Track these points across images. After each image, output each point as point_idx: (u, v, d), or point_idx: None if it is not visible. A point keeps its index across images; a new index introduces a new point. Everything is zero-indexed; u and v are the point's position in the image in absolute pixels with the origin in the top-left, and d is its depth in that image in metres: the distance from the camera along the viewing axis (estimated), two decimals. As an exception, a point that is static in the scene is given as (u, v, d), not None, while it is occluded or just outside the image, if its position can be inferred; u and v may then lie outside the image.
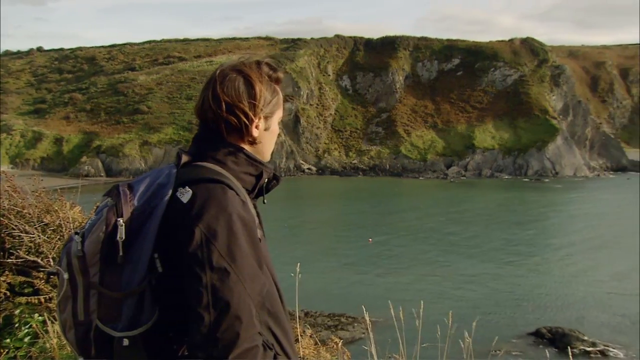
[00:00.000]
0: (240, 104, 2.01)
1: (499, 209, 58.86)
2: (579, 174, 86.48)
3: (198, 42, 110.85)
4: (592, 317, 25.63)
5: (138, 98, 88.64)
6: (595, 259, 36.64)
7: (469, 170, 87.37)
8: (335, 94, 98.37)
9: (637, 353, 21.62)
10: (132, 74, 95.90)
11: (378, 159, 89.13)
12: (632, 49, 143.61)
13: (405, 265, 34.90)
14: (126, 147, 78.93)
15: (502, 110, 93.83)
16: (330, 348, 5.86)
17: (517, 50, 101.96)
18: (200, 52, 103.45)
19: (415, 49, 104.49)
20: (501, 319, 25.43)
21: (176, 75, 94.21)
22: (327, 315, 25.54)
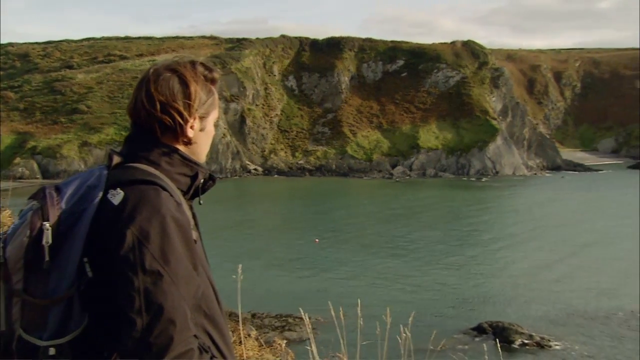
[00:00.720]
0: (174, 103, 1.96)
1: (442, 208, 60.31)
2: (517, 173, 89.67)
3: (140, 41, 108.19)
4: (531, 311, 26.59)
5: (77, 97, 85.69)
6: (532, 254, 38.06)
7: (414, 169, 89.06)
8: (281, 94, 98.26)
9: (572, 344, 22.58)
10: (70, 72, 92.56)
11: (324, 159, 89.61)
12: (564, 53, 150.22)
13: (351, 264, 35.23)
14: (64, 147, 76.18)
15: (445, 111, 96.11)
16: (275, 349, 5.87)
17: (459, 53, 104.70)
18: (143, 51, 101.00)
19: (361, 50, 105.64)
20: (444, 315, 26.04)
21: (117, 74, 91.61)
22: (274, 316, 25.46)
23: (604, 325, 24.57)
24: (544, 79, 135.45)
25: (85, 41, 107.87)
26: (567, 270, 33.94)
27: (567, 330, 24.00)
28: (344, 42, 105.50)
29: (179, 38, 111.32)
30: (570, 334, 23.60)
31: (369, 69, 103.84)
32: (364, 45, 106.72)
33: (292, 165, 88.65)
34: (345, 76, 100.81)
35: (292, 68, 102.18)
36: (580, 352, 21.69)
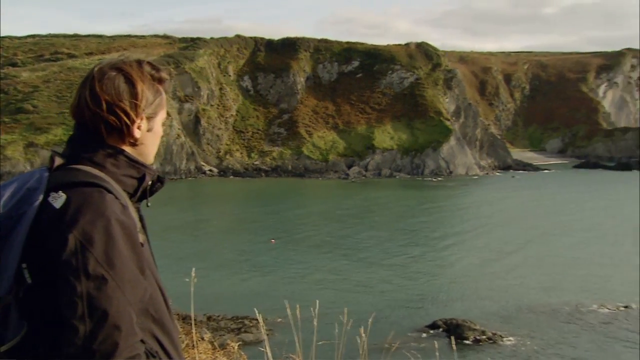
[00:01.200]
0: (120, 103, 1.91)
1: (396, 208, 61.10)
2: (470, 173, 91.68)
3: (89, 38, 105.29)
4: (483, 307, 27.22)
5: (21, 96, 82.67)
6: (482, 252, 38.99)
7: (369, 170, 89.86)
8: (237, 94, 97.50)
9: (523, 339, 23.23)
10: (13, 70, 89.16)
11: (280, 160, 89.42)
12: (514, 56, 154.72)
13: (307, 265, 35.27)
14: (8, 148, 73.37)
15: (399, 112, 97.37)
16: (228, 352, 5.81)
17: (413, 54, 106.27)
18: (92, 49, 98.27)
19: (316, 51, 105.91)
20: (400, 314, 26.36)
21: (65, 72, 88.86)
22: (230, 319, 25.22)
23: (551, 320, 25.39)
24: (494, 80, 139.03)
25: (29, 38, 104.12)
26: (516, 266, 34.94)
27: (518, 325, 24.68)
28: (299, 42, 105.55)
29: (130, 37, 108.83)
30: (520, 329, 24.28)
31: (324, 69, 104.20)
32: (320, 46, 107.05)
33: (248, 166, 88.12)
34: (300, 77, 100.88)
35: (248, 68, 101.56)
36: (531, 347, 22.34)
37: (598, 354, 21.69)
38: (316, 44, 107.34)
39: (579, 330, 24.15)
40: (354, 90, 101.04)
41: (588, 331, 24.08)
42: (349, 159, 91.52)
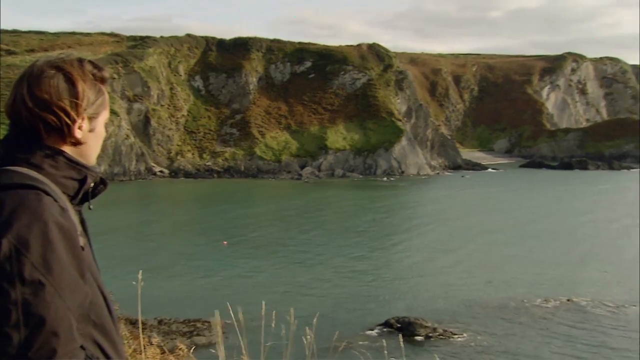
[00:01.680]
0: (60, 102, 1.83)
1: (348, 208, 61.55)
2: (422, 173, 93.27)
3: (31, 35, 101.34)
4: (435, 304, 27.73)
5: (-44, 94, 78.96)
6: (433, 249, 39.75)
7: (322, 170, 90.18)
8: (188, 94, 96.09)
9: (473, 334, 23.80)
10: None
11: (233, 161, 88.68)
12: (462, 58, 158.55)
13: (260, 266, 35.10)
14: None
15: (352, 112, 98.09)
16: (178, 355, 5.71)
17: (365, 55, 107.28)
18: (34, 46, 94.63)
19: (268, 51, 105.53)
20: (353, 313, 26.56)
21: (4, 70, 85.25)
22: (182, 322, 24.82)
23: (499, 315, 26.12)
24: (444, 82, 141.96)
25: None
26: (463, 263, 35.78)
27: (468, 321, 25.27)
28: (251, 42, 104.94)
29: (75, 34, 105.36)
30: (470, 324, 24.86)
31: (277, 70, 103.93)
32: (272, 46, 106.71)
33: (200, 166, 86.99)
34: (253, 77, 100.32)
35: (199, 68, 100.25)
36: (481, 342, 22.90)
37: (544, 348, 22.45)
38: (268, 44, 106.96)
39: (526, 325, 24.93)
40: (307, 91, 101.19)
41: (534, 325, 24.89)
42: (302, 159, 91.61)
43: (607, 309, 26.78)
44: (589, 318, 25.60)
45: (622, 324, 25.05)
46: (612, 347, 22.50)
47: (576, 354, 21.84)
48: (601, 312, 26.28)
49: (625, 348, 22.38)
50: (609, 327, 24.55)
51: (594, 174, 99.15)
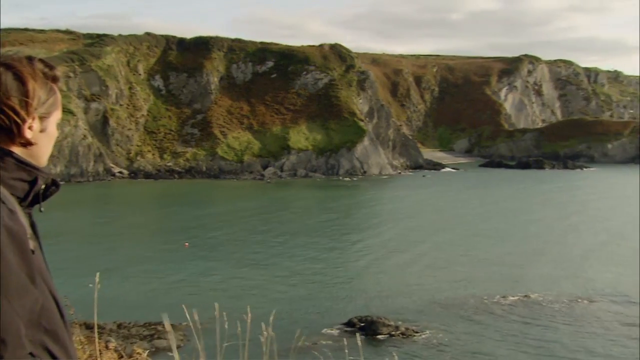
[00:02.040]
0: (8, 101, 1.76)
1: (311, 208, 61.63)
2: (384, 172, 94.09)
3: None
4: (397, 303, 28.00)
5: None
6: (394, 249, 40.15)
7: (285, 170, 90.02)
8: (148, 94, 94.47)
9: (434, 331, 24.12)
10: None
11: (194, 161, 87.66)
12: (423, 59, 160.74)
13: (221, 267, 34.79)
14: None
15: (314, 113, 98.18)
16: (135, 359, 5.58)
17: (327, 55, 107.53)
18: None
19: (230, 51, 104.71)
20: (318, 312, 26.58)
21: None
22: (142, 325, 24.37)
23: (460, 312, 26.56)
24: (406, 82, 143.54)
25: None
26: (424, 261, 36.26)
27: (429, 319, 25.60)
28: (212, 41, 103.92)
29: (28, 30, 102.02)
30: (431, 322, 25.20)
31: (238, 69, 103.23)
32: (233, 46, 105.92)
33: (161, 167, 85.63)
34: (214, 76, 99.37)
35: (159, 67, 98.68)
36: (442, 340, 23.24)
37: (502, 344, 22.93)
38: (230, 43, 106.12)
39: (485, 321, 25.42)
40: (269, 91, 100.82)
41: (493, 322, 25.40)
42: (265, 159, 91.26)
43: (560, 305, 27.56)
44: (543, 314, 26.29)
45: (574, 318, 25.83)
46: (563, 343, 23.16)
47: (532, 350, 22.39)
48: (555, 307, 27.03)
49: (576, 343, 23.07)
50: (562, 323, 25.27)
51: (549, 173, 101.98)
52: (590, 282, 31.74)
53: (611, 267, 35.15)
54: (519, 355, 21.83)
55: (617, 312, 26.78)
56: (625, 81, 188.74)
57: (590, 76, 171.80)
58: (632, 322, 25.36)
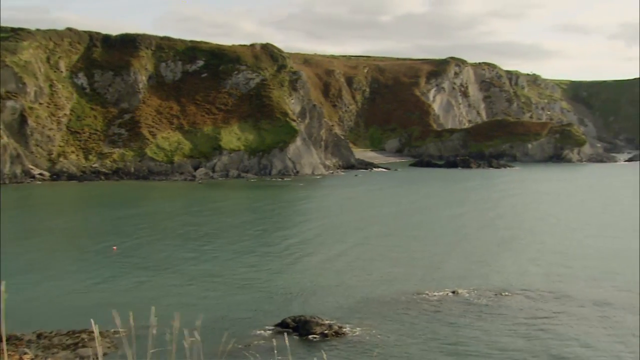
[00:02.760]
0: None
1: (241, 209, 60.88)
2: (316, 172, 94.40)
3: None
4: (330, 302, 27.93)
5: None
6: (324, 248, 40.20)
7: (217, 171, 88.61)
8: (70, 92, 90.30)
9: (367, 329, 24.18)
10: None
11: (122, 162, 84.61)
12: (354, 60, 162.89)
13: (152, 271, 33.60)
14: None
15: (246, 113, 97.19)
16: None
17: (258, 55, 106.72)
18: None
19: (158, 49, 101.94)
20: (251, 314, 26.09)
21: None
22: (66, 334, 23.06)
23: (391, 309, 26.80)
24: (337, 83, 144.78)
25: None
26: (355, 260, 36.50)
27: (362, 317, 25.67)
28: (139, 39, 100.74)
29: None
30: (364, 320, 25.27)
31: (167, 68, 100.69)
32: (162, 44, 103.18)
33: (86, 168, 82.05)
34: (142, 75, 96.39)
35: (82, 64, 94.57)
36: (375, 336, 23.32)
37: (432, 340, 23.28)
38: (158, 41, 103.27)
39: (416, 317, 25.77)
40: (200, 91, 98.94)
41: (423, 318, 25.79)
42: (196, 160, 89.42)
43: (488, 299, 28.37)
44: (472, 309, 26.96)
45: (503, 311, 26.64)
46: (493, 336, 23.80)
47: (461, 347, 22.85)
48: (483, 302, 27.78)
49: (505, 335, 23.78)
50: (489, 316, 25.99)
51: (475, 172, 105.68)
52: (505, 275, 32.92)
53: (525, 262, 36.69)
54: (447, 348, 22.22)
55: (529, 307, 27.87)
56: (543, 84, 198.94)
57: (512, 79, 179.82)
58: (546, 315, 26.50)
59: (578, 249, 40.77)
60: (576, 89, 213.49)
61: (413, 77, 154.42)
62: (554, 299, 28.53)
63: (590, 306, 27.56)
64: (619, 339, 23.20)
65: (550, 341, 23.03)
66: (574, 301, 28.26)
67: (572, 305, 27.72)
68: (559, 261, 36.70)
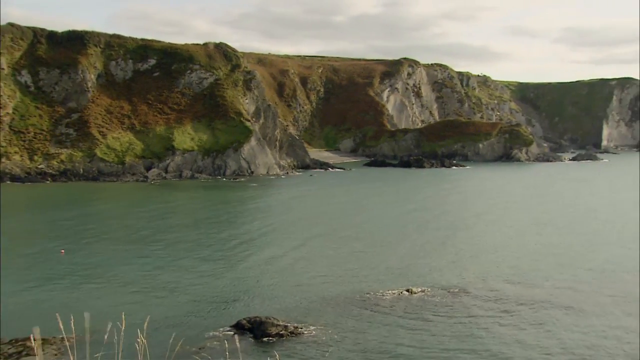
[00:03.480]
0: None
1: (194, 209, 60.01)
2: (271, 172, 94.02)
3: None
4: (286, 302, 27.77)
5: None
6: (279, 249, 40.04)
7: (170, 171, 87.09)
8: (13, 90, 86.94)
9: (323, 328, 24.15)
10: None
11: (70, 163, 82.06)
12: (309, 60, 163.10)
13: (99, 274, 32.64)
14: None
15: (200, 112, 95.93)
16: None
17: (212, 55, 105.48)
18: None
19: (108, 47, 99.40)
20: (205, 316, 25.66)
21: None
22: (8, 342, 22.11)
23: (346, 308, 26.86)
24: (292, 83, 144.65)
25: None
26: (308, 259, 36.47)
27: (318, 317, 25.63)
28: (87, 36, 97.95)
29: None
30: (320, 319, 25.23)
31: (118, 67, 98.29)
32: (112, 42, 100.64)
33: (30, 170, 79.15)
34: (91, 73, 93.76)
35: (26, 62, 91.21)
36: (331, 336, 23.31)
37: (389, 339, 23.46)
38: (108, 39, 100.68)
39: (371, 316, 25.90)
40: (152, 90, 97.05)
41: (378, 316, 25.94)
42: (148, 160, 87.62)
43: (440, 297, 28.81)
44: (425, 306, 27.30)
45: (455, 307, 27.10)
46: (444, 335, 24.17)
47: (415, 344, 23.10)
48: (435, 300, 28.18)
49: (456, 330, 24.19)
50: (442, 312, 26.40)
51: (428, 171, 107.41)
52: (458, 273, 33.55)
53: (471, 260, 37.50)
54: (402, 349, 22.42)
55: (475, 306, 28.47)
56: (493, 85, 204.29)
57: (463, 80, 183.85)
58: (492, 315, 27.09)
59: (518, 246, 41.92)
60: (524, 90, 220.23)
61: (367, 78, 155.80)
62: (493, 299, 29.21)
63: (529, 305, 28.35)
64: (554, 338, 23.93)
65: (489, 340, 23.55)
66: (505, 300, 29.02)
67: (507, 304, 28.46)
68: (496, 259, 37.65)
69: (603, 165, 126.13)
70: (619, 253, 38.92)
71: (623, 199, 68.19)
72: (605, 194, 73.37)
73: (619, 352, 21.74)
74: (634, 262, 35.81)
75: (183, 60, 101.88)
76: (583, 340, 22.96)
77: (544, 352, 21.75)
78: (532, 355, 21.35)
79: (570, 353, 21.66)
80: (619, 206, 62.20)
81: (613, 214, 56.74)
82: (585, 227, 49.05)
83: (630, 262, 36.10)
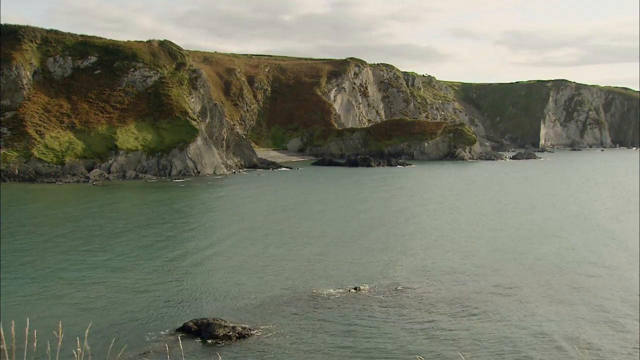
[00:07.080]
0: None
1: (137, 211, 58.56)
2: (218, 172, 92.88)
3: None
4: (233, 303, 27.38)
5: None
6: (226, 250, 39.57)
7: (113, 172, 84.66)
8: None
9: (273, 328, 23.92)
10: None
11: (4, 164, 78.46)
12: (255, 59, 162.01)
13: (32, 279, 31.27)
14: None
15: (144, 111, 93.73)
16: None
17: (156, 52, 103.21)
18: None
19: (45, 43, 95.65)
20: (149, 320, 24.95)
21: None
22: None
23: (294, 308, 26.73)
24: (239, 82, 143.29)
25: None
26: (254, 259, 36.15)
27: (265, 318, 25.38)
28: (22, 31, 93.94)
29: None
30: (268, 320, 25.00)
31: (56, 64, 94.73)
32: (49, 38, 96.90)
33: (-38, 171, 75.21)
34: (26, 70, 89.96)
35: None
36: (279, 337, 23.11)
37: (337, 338, 23.46)
38: (44, 34, 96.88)
39: (319, 316, 25.86)
40: (93, 88, 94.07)
41: (327, 316, 25.93)
42: (89, 160, 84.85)
43: (389, 294, 29.10)
44: (373, 304, 27.48)
45: (403, 302, 27.42)
46: (391, 332, 24.40)
47: (364, 343, 23.20)
48: (384, 298, 28.42)
49: (406, 328, 24.47)
50: (393, 311, 26.65)
51: (374, 170, 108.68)
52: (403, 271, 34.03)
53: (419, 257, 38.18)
54: (352, 346, 22.48)
55: (428, 303, 28.95)
56: (437, 86, 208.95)
57: (409, 80, 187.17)
58: (444, 312, 27.58)
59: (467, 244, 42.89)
60: (467, 90, 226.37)
61: (314, 77, 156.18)
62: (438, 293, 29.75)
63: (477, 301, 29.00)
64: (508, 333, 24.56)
65: (438, 332, 23.92)
66: (450, 293, 29.61)
67: (452, 297, 29.03)
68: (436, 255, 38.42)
69: (541, 163, 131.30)
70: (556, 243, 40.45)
71: (562, 194, 71.08)
72: (544, 189, 76.20)
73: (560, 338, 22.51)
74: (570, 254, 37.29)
75: (126, 57, 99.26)
76: (529, 328, 23.66)
77: (495, 341, 22.25)
78: (482, 344, 21.81)
79: (513, 344, 22.26)
80: (558, 200, 64.75)
81: (552, 208, 59.00)
82: (527, 223, 50.74)
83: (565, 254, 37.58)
